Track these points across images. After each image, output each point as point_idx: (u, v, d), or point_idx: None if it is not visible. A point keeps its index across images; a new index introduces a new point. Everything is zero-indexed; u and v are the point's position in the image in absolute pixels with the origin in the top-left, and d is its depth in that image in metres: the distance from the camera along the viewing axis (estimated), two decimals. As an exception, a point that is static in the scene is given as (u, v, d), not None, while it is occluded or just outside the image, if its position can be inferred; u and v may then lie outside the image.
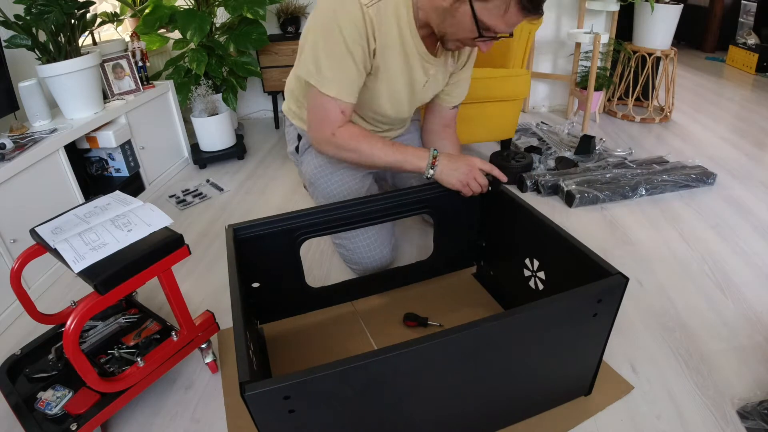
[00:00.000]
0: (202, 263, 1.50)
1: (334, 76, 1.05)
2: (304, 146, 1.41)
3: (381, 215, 1.15)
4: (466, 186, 1.11)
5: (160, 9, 2.14)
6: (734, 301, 1.18)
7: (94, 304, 0.80)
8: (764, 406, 0.86)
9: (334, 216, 1.11)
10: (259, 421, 0.66)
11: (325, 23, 1.03)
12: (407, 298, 1.27)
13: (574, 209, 1.65)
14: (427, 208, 1.18)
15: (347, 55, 1.04)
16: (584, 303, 0.78)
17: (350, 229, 1.14)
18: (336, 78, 1.06)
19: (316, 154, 1.35)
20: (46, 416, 0.88)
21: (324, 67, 1.05)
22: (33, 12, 1.49)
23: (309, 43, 1.06)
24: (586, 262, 0.85)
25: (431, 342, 0.69)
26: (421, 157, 1.12)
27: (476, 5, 0.96)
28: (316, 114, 1.12)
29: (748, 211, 1.56)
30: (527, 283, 1.07)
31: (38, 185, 1.43)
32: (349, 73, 1.07)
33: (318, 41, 1.04)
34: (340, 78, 1.06)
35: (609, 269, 0.80)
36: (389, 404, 0.74)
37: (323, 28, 1.03)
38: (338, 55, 1.04)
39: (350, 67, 1.06)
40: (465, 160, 1.12)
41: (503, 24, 0.97)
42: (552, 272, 0.99)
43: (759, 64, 3.17)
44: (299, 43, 1.13)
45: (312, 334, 1.17)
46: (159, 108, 2.09)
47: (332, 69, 1.05)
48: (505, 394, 0.85)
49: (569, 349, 0.84)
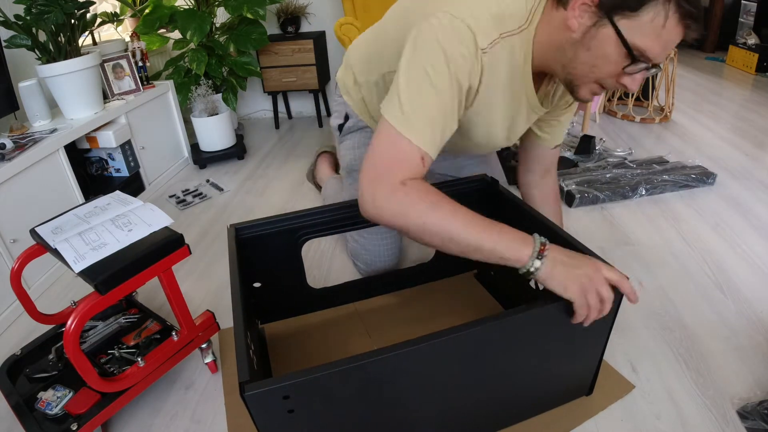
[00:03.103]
0: (203, 263, 1.50)
1: (423, 119, 0.80)
2: (350, 128, 1.27)
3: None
4: (583, 298, 0.74)
5: (160, 9, 2.15)
6: (734, 301, 1.18)
7: (95, 304, 0.80)
8: (764, 406, 0.86)
9: (336, 216, 1.11)
10: (258, 421, 0.66)
11: (431, 57, 0.79)
12: (409, 299, 1.27)
13: (574, 209, 1.65)
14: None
15: (448, 99, 0.81)
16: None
17: (351, 230, 1.14)
18: (425, 122, 0.80)
19: (360, 144, 1.23)
20: (47, 416, 0.88)
21: (413, 106, 0.79)
22: (33, 12, 1.49)
23: (403, 78, 0.81)
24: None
25: (431, 342, 0.69)
26: (524, 241, 0.76)
27: (621, 24, 0.73)
28: (383, 160, 0.80)
29: (748, 211, 1.56)
30: (528, 284, 1.07)
31: (38, 185, 1.43)
32: (442, 121, 0.82)
33: (415, 75, 0.80)
34: (431, 124, 0.80)
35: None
36: (389, 404, 0.74)
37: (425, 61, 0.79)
38: (435, 98, 0.80)
39: (446, 114, 0.82)
40: (586, 259, 0.77)
41: (659, 45, 0.74)
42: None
43: (759, 64, 3.17)
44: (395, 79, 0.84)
45: (313, 334, 1.17)
46: (159, 108, 2.09)
47: (423, 110, 0.80)
48: (506, 394, 0.84)
49: (570, 348, 0.84)
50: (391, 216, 0.78)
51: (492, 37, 0.81)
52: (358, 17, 2.23)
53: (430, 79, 0.79)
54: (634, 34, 0.74)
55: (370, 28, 1.14)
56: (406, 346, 0.68)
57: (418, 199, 0.77)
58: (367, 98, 1.17)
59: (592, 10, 0.76)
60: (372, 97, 1.15)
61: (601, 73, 0.80)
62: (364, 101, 1.19)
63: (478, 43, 0.79)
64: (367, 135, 1.25)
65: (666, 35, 0.73)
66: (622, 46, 0.75)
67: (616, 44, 0.75)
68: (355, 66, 1.16)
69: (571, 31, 0.78)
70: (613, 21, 0.74)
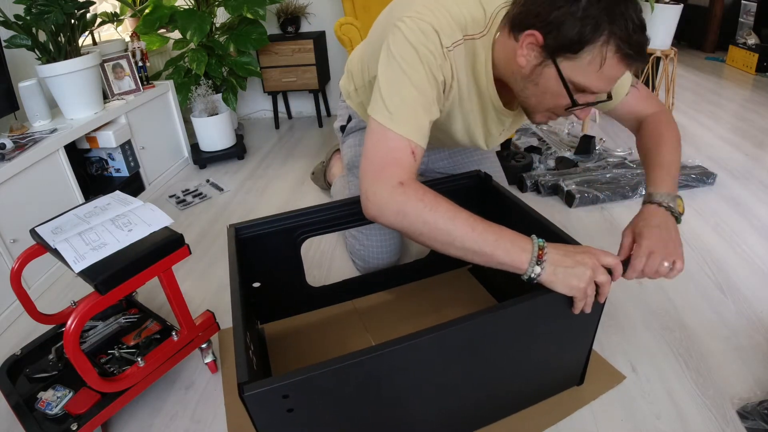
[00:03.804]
0: (202, 263, 1.50)
1: (407, 112, 0.83)
2: (352, 128, 1.37)
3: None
4: (583, 293, 0.75)
5: (160, 9, 2.15)
6: (734, 301, 1.18)
7: (95, 304, 0.80)
8: (764, 406, 0.86)
9: (335, 214, 1.11)
10: (258, 422, 0.66)
11: (404, 56, 0.83)
12: (406, 295, 1.27)
13: (574, 209, 1.65)
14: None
15: (425, 91, 0.84)
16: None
17: (350, 227, 1.14)
18: (408, 115, 0.83)
19: (361, 142, 1.28)
20: (47, 416, 0.88)
21: (394, 102, 0.83)
22: (33, 12, 1.49)
23: (382, 78, 0.86)
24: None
25: (426, 336, 0.69)
26: (522, 247, 0.75)
27: (563, 65, 0.78)
28: (377, 155, 0.83)
29: (748, 211, 1.56)
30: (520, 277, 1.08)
31: (38, 185, 1.43)
32: (424, 112, 0.85)
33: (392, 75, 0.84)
34: (414, 116, 0.83)
35: None
36: (387, 400, 0.74)
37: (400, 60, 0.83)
38: (413, 92, 0.83)
39: (426, 105, 0.85)
40: (584, 253, 0.76)
41: (600, 81, 0.78)
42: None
43: (759, 64, 3.17)
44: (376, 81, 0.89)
45: (312, 333, 1.17)
46: (159, 108, 2.09)
47: (405, 105, 0.83)
48: (502, 386, 0.85)
49: (561, 339, 0.85)
50: (392, 216, 0.80)
51: (455, 37, 0.87)
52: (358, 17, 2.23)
53: (407, 76, 0.83)
54: (575, 74, 0.78)
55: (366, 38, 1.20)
56: (402, 341, 0.68)
57: (416, 200, 0.78)
58: (365, 102, 1.21)
59: (537, 50, 0.80)
60: (368, 101, 1.17)
61: (549, 105, 0.86)
62: (363, 105, 1.24)
63: (443, 42, 0.84)
64: None
65: (607, 72, 0.77)
66: (564, 86, 0.79)
67: (559, 83, 0.80)
68: (354, 73, 1.24)
69: (521, 66, 0.83)
70: (555, 62, 0.79)
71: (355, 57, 1.26)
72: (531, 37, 0.79)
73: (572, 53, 0.76)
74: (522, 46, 0.81)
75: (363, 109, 1.27)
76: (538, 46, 0.80)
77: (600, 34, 0.74)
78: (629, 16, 0.74)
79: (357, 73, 1.23)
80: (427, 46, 0.83)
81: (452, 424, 0.85)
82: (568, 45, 0.76)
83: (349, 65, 1.29)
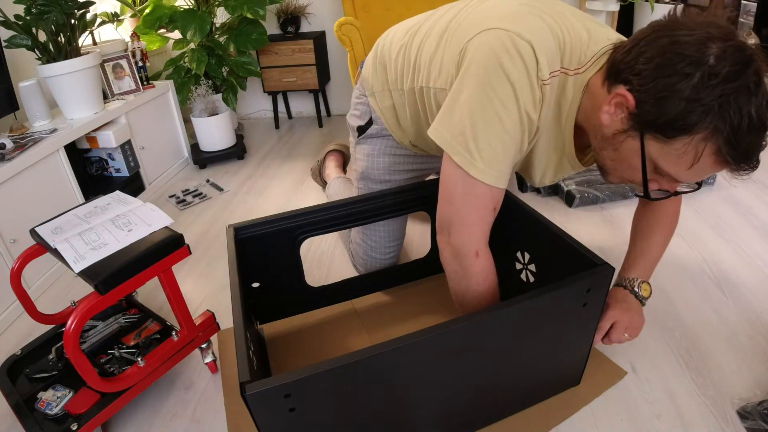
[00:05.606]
0: (202, 263, 1.50)
1: (497, 163, 0.76)
2: (371, 134, 1.18)
3: (377, 213, 1.15)
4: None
5: (160, 9, 2.15)
6: (734, 301, 1.18)
7: (95, 304, 0.80)
8: (764, 406, 0.86)
9: (333, 214, 1.11)
10: (259, 421, 0.66)
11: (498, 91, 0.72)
12: (405, 294, 1.27)
13: (574, 209, 1.65)
14: (424, 206, 1.19)
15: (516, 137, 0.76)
16: (574, 293, 0.79)
17: (348, 227, 1.14)
18: (498, 166, 0.76)
19: (379, 153, 1.17)
20: (47, 416, 0.88)
21: (484, 150, 0.74)
22: (33, 12, 1.49)
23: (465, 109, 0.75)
24: (574, 253, 0.87)
25: (426, 336, 0.69)
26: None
27: (650, 143, 0.67)
28: (464, 208, 0.79)
29: (748, 211, 1.56)
30: (519, 276, 1.09)
31: (38, 185, 1.43)
32: (512, 160, 0.78)
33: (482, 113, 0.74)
34: (503, 166, 0.76)
35: (596, 260, 0.81)
36: (388, 399, 0.74)
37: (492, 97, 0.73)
38: (506, 138, 0.75)
39: (515, 152, 0.78)
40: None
41: (689, 175, 0.67)
42: (542, 265, 1.00)
43: (759, 64, 3.17)
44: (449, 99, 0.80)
45: (312, 333, 1.17)
46: (159, 108, 2.09)
47: (495, 154, 0.75)
48: (502, 385, 0.85)
49: (561, 338, 0.85)
50: (452, 271, 0.87)
51: (554, 67, 0.74)
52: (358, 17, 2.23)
53: (500, 119, 0.73)
54: (661, 159, 0.67)
55: (406, 30, 1.03)
56: (403, 341, 0.68)
57: (479, 278, 0.85)
58: (398, 106, 1.07)
59: (626, 114, 0.69)
60: (404, 108, 1.05)
61: (626, 176, 0.76)
62: (395, 108, 1.08)
63: (541, 75, 0.72)
64: (388, 144, 1.18)
65: (700, 168, 0.65)
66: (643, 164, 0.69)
67: (639, 159, 0.69)
68: (390, 69, 1.04)
69: (603, 125, 0.72)
70: (642, 138, 0.67)
71: (392, 50, 1.03)
72: (621, 98, 0.68)
73: (664, 137, 0.64)
74: (610, 102, 0.70)
75: (393, 113, 1.09)
76: (627, 110, 0.68)
77: (702, 127, 0.61)
78: (747, 111, 0.59)
79: (395, 72, 1.02)
80: (528, 79, 0.72)
81: (453, 423, 0.85)
82: (661, 126, 0.64)
83: (383, 57, 1.06)
